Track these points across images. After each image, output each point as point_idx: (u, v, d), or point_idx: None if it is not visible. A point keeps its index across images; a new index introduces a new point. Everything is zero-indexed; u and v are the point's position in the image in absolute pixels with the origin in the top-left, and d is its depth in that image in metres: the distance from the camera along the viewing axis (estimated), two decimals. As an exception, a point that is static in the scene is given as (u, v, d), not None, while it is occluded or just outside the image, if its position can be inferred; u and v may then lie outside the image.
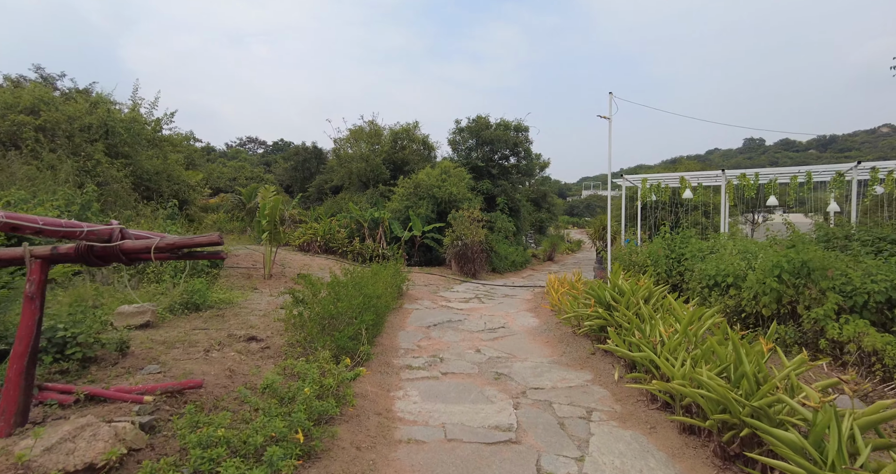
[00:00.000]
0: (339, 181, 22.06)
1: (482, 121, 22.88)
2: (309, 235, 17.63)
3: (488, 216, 18.04)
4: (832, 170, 13.17)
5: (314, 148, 30.91)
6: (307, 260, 15.31)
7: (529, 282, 14.52)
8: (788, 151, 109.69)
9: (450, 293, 11.34)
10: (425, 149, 22.36)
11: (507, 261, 17.55)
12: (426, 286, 12.34)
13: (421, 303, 9.65)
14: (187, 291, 6.79)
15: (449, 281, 13.72)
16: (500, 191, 21.74)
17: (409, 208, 17.41)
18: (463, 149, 23.57)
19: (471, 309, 9.21)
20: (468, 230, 15.20)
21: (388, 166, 20.89)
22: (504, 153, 23.72)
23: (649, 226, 19.66)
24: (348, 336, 4.75)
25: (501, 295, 11.34)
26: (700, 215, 20.41)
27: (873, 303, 4.80)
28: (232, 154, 67.79)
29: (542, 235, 32.67)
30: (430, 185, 17.42)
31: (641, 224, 17.66)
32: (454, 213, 16.25)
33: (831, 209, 14.62)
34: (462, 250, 14.97)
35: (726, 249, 8.23)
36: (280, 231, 10.88)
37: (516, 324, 7.73)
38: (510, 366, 5.42)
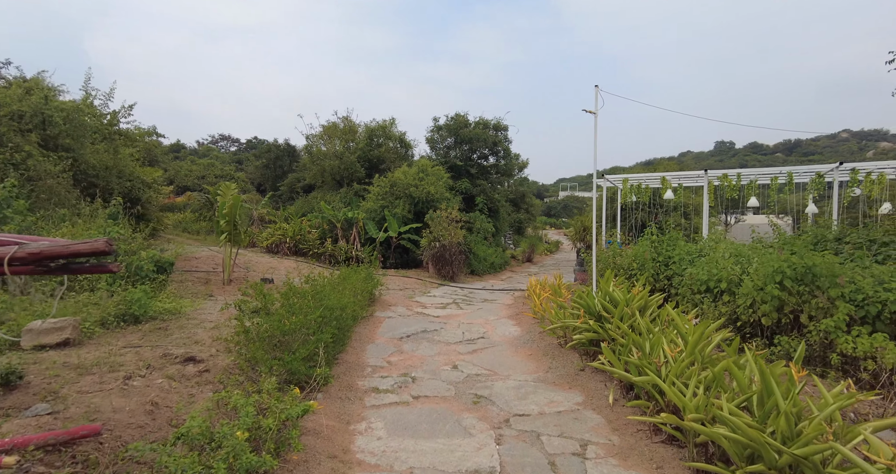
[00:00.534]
0: (312, 179, 21.15)
1: (461, 119, 22.30)
2: (278, 236, 16.72)
3: (467, 216, 17.46)
4: (813, 171, 13.05)
5: (287, 145, 29.81)
6: (275, 262, 14.43)
7: (509, 285, 13.98)
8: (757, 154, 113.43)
9: (426, 298, 10.68)
10: (402, 147, 21.64)
11: (485, 263, 17.00)
12: (401, 290, 11.65)
13: (395, 309, 8.97)
14: (125, 301, 5.96)
15: (426, 284, 13.07)
16: (479, 190, 21.19)
17: (384, 208, 16.68)
18: (441, 148, 22.94)
19: (448, 316, 8.58)
20: (446, 231, 14.58)
21: (363, 164, 20.09)
22: (483, 152, 23.19)
23: (628, 227, 19.41)
24: (302, 357, 4.05)
25: (480, 299, 10.75)
26: (680, 216, 20.30)
27: (888, 313, 4.38)
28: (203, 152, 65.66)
29: (520, 236, 32.32)
30: (406, 184, 16.73)
31: (621, 225, 17.34)
32: (432, 214, 15.60)
33: (810, 210, 14.55)
34: (440, 252, 14.34)
35: (717, 252, 7.82)
36: (241, 231, 10.02)
37: (497, 334, 7.13)
38: (491, 386, 4.80)
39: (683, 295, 7.16)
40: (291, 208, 20.21)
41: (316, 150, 20.51)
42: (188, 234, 22.05)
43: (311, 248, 16.02)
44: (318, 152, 20.38)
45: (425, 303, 10.00)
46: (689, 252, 8.26)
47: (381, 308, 8.89)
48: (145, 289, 6.43)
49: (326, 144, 20.44)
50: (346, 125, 20.55)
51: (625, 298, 4.82)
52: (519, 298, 10.81)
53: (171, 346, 4.90)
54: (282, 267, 13.75)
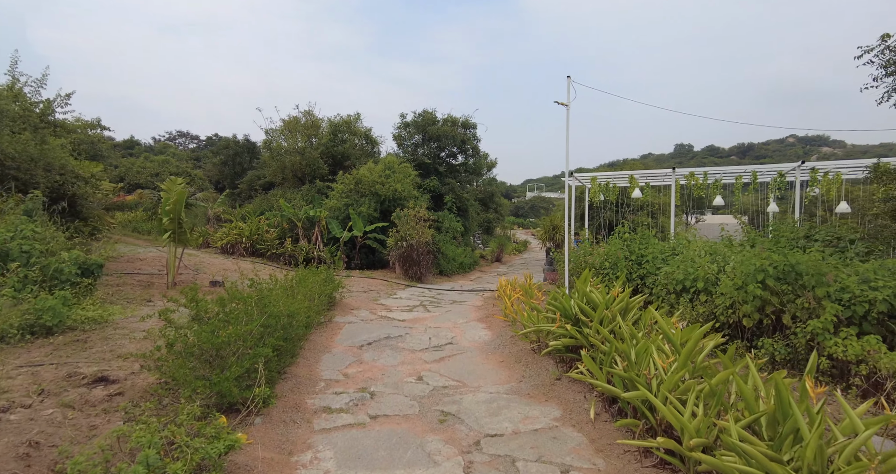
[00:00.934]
0: (272, 176, 20.14)
1: (429, 116, 21.77)
2: (233, 236, 15.73)
3: (435, 215, 16.94)
4: (775, 170, 13.23)
5: (246, 141, 28.49)
6: (228, 264, 13.49)
7: (479, 286, 13.55)
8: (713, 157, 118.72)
9: (392, 300, 10.09)
10: (368, 143, 20.92)
11: (454, 263, 16.54)
12: (366, 292, 11.01)
13: (357, 313, 8.34)
14: (35, 309, 5.12)
15: (392, 286, 12.47)
16: (448, 189, 20.73)
17: (349, 206, 15.96)
18: (409, 145, 22.34)
19: (415, 319, 8.03)
20: (414, 230, 14.02)
21: (326, 161, 19.26)
22: (452, 150, 22.75)
23: (596, 226, 19.39)
24: (236, 375, 3.42)
25: (449, 301, 10.25)
26: (646, 215, 20.45)
27: (875, 313, 4.15)
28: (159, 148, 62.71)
29: (489, 236, 32.11)
30: (372, 182, 16.06)
31: (588, 225, 17.21)
32: (399, 212, 15.01)
33: (771, 209, 14.82)
34: (407, 252, 13.76)
35: (692, 251, 7.61)
36: (187, 230, 9.16)
37: (466, 339, 6.64)
38: (459, 401, 4.29)
39: (658, 294, 6.89)
40: (249, 206, 19.16)
41: (276, 146, 19.52)
42: (138, 234, 20.63)
43: (269, 249, 15.12)
44: (279, 148, 19.40)
45: (390, 305, 9.41)
46: (661, 250, 8.04)
47: (341, 312, 8.25)
48: (65, 296, 5.59)
49: (288, 140, 19.49)
50: (308, 120, 19.66)
51: (604, 300, 4.42)
52: (489, 299, 10.37)
53: (83, 363, 4.15)
54: (236, 268, 12.84)
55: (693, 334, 3.67)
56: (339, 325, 7.22)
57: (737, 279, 5.42)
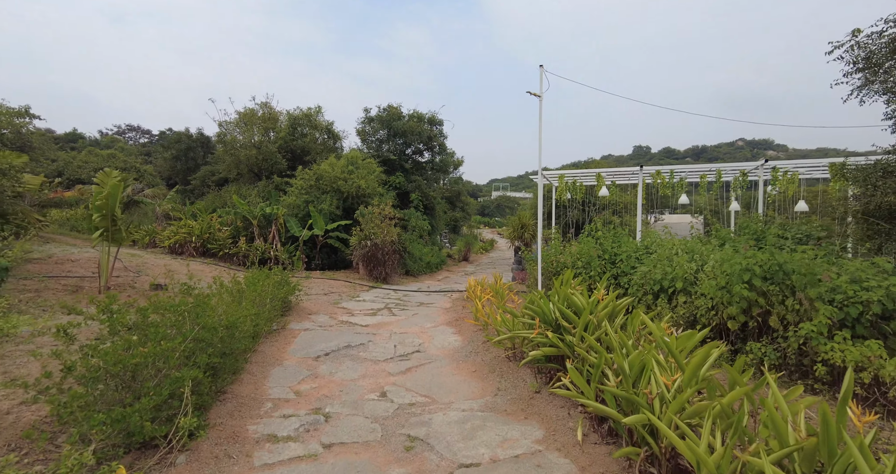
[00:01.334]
0: (226, 172, 18.96)
1: (394, 111, 21.11)
2: (182, 235, 14.59)
3: (401, 213, 16.34)
4: (738, 169, 13.38)
5: (200, 135, 26.90)
6: (176, 265, 12.43)
7: (447, 286, 13.06)
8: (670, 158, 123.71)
9: (354, 303, 9.43)
10: (330, 138, 20.04)
11: (421, 263, 15.98)
12: (326, 295, 10.30)
13: (315, 318, 7.66)
14: (-87, 324, 4.22)
15: (355, 287, 11.78)
16: (414, 187, 20.14)
17: (309, 203, 15.12)
18: (373, 141, 21.61)
19: (379, 324, 7.43)
20: (378, 228, 13.37)
21: (284, 155, 18.28)
22: (418, 147, 22.17)
23: (563, 225, 19.31)
24: (154, 404, 2.76)
25: (416, 303, 9.69)
26: (611, 214, 20.55)
27: (869, 315, 3.92)
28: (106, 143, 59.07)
29: (456, 235, 31.74)
30: (334, 177, 15.28)
31: (555, 224, 17.06)
32: (362, 210, 14.31)
33: (733, 208, 15.06)
34: (371, 251, 13.10)
35: (666, 249, 7.37)
36: (122, 228, 8.20)
37: (435, 346, 6.11)
38: (428, 422, 3.76)
39: (634, 294, 6.58)
40: (201, 203, 17.93)
41: (230, 139, 18.36)
42: (77, 233, 18.98)
43: (221, 248, 14.09)
44: (233, 141, 18.25)
45: (353, 309, 8.76)
46: (635, 249, 7.78)
47: (297, 318, 7.54)
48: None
49: (244, 133, 18.37)
50: (265, 112, 18.60)
51: (588, 304, 4.00)
52: (458, 301, 9.88)
53: (-40, 391, 3.36)
54: (183, 270, 11.82)
55: (689, 343, 3.28)
56: (294, 333, 6.53)
57: (720, 279, 5.14)
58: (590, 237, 8.62)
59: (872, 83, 7.36)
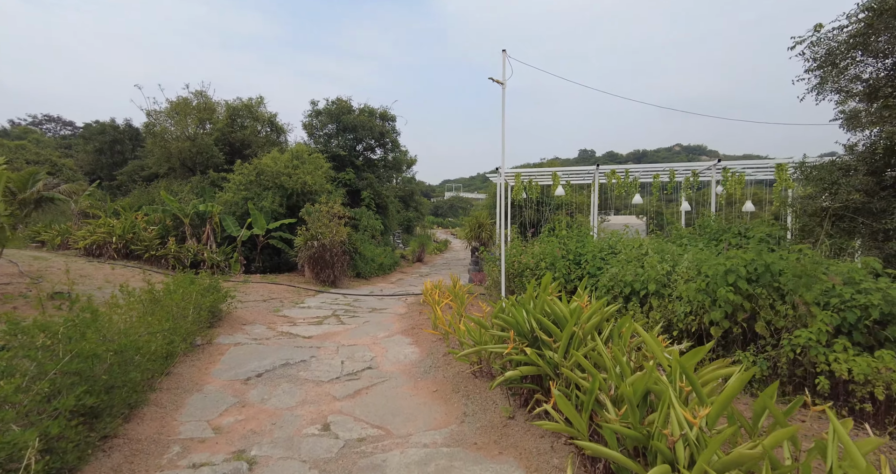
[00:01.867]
0: (156, 166, 17.20)
1: (343, 104, 20.07)
2: (100, 235, 12.92)
3: (352, 212, 15.40)
4: (689, 169, 13.54)
5: (128, 127, 24.52)
6: (90, 269, 10.90)
7: (401, 289, 12.30)
8: (613, 162, 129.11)
9: (298, 310, 8.49)
10: (273, 131, 18.69)
11: (373, 265, 15.11)
12: (266, 301, 9.26)
13: (250, 330, 6.69)
14: None
15: (300, 292, 10.76)
16: (366, 184, 19.21)
17: (249, 200, 13.86)
18: (321, 135, 20.46)
19: (325, 335, 6.57)
20: (327, 228, 12.39)
21: (222, 148, 16.80)
22: (369, 143, 21.24)
23: (518, 225, 19.05)
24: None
25: (367, 309, 8.87)
26: (565, 214, 20.57)
27: (868, 320, 3.61)
28: (18, 133, 53.32)
29: (409, 235, 30.98)
30: (277, 172, 14.10)
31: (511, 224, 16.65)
32: (309, 208, 13.26)
33: (684, 208, 15.30)
34: (319, 253, 12.10)
35: (633, 249, 7.02)
36: (5, 225, 6.85)
37: (389, 360, 5.37)
38: (383, 465, 3.03)
39: (600, 298, 6.15)
40: (125, 200, 16.09)
41: (160, 130, 16.63)
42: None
43: (147, 250, 12.57)
44: (163, 132, 16.54)
45: (295, 317, 7.83)
46: (600, 249, 7.40)
47: (229, 329, 6.55)
48: None
49: (177, 124, 16.68)
50: (201, 102, 17.01)
51: (571, 314, 3.42)
52: (413, 305, 9.16)
53: None
54: (99, 275, 10.36)
55: (693, 361, 2.76)
56: (223, 349, 5.57)
57: (699, 281, 4.76)
58: (552, 237, 8.18)
59: (826, 82, 7.38)
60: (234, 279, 11.95)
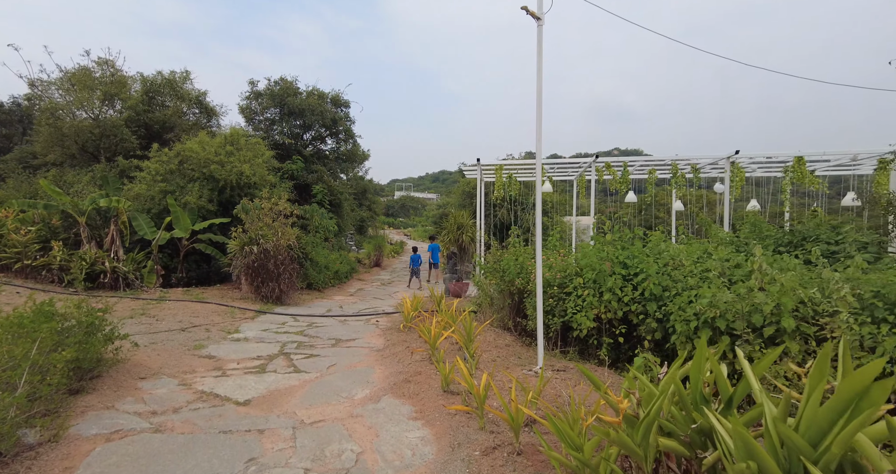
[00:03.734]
0: (44, 151, 13.68)
1: (288, 85, 17.33)
2: (-51, 239, 9.58)
3: (301, 210, 12.83)
4: (689, 164, 12.14)
5: (15, 106, 20.18)
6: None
7: (365, 304, 9.96)
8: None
9: (230, 347, 6.01)
10: (203, 113, 15.62)
11: (327, 273, 12.64)
12: (185, 331, 6.68)
13: (151, 390, 4.22)
14: None
15: (234, 314, 8.19)
16: (316, 178, 16.59)
17: (168, 194, 10.99)
18: (261, 121, 17.59)
19: (270, 398, 4.23)
20: (270, 229, 9.85)
21: (136, 131, 13.61)
22: (319, 131, 18.59)
23: (490, 227, 17.17)
24: None
25: (329, 340, 6.54)
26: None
27: None
28: None
29: (362, 236, 28.39)
30: (205, 160, 11.31)
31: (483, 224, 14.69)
32: (246, 204, 10.64)
33: (677, 207, 14.05)
34: (260, 260, 9.53)
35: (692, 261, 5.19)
36: None
37: (387, 460, 3.15)
38: None
39: (680, 335, 4.23)
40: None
41: (48, 106, 13.14)
42: None
43: (19, 258, 9.42)
44: (53, 107, 13.08)
45: (225, 360, 5.38)
46: (664, 261, 5.36)
47: (110, 393, 4.04)
48: None
49: (77, 99, 13.23)
50: (106, 74, 13.68)
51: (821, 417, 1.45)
52: (392, 332, 6.93)
53: None
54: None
55: None
56: (78, 453, 3.09)
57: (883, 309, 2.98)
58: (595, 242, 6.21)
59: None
60: (146, 295, 9.15)
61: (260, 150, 12.56)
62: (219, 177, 11.26)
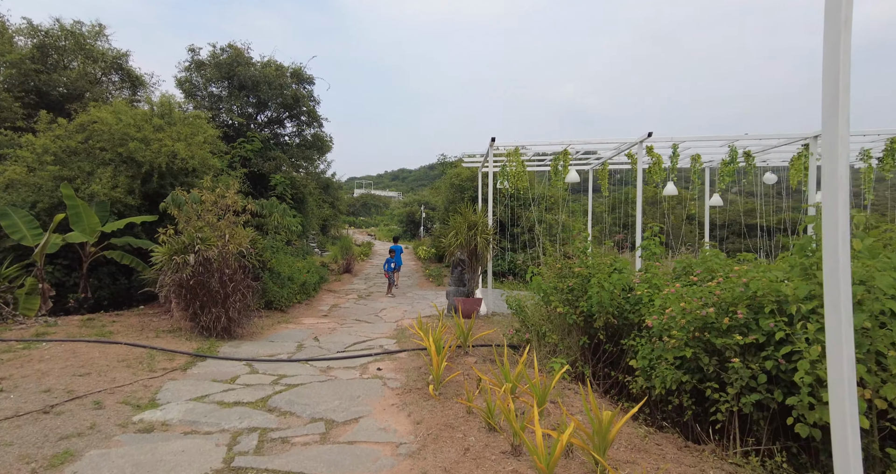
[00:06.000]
0: None
1: (238, 53, 14.16)
2: None
3: (257, 204, 9.87)
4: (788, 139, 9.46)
5: None
6: None
7: (348, 332, 7.18)
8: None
9: (125, 454, 3.19)
10: (125, 81, 12.21)
11: (293, 286, 9.77)
12: (52, 413, 3.75)
13: None
14: None
15: (153, 364, 5.25)
16: (274, 166, 13.55)
17: (64, 182, 7.79)
18: (204, 96, 14.32)
19: None
20: (215, 230, 6.97)
21: (23, 97, 10.14)
22: (278, 112, 15.51)
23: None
24: None
25: (313, 427, 3.83)
26: (542, 211, 16.62)
27: None
28: None
29: (325, 237, 25.25)
30: (122, 136, 8.20)
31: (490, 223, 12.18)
32: (178, 195, 7.67)
33: (714, 202, 12.12)
34: (199, 275, 6.58)
35: None
36: None
37: None
38: None
39: None
40: None
41: None
42: None
43: None
44: None
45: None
46: None
47: None
48: None
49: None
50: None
51: None
52: (412, 393, 4.28)
53: None
54: None
55: None
56: None
57: None
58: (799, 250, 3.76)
59: None
60: (15, 331, 6.04)
61: (201, 127, 9.50)
62: (142, 160, 8.17)
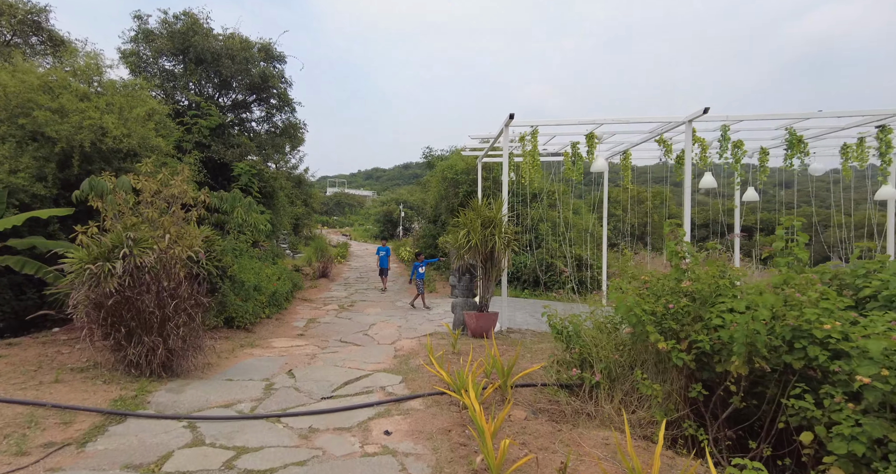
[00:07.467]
0: None
1: (194, 21, 12.08)
2: None
3: (215, 197, 7.91)
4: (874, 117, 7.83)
5: None
6: None
7: (331, 358, 5.33)
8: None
9: None
10: (44, 43, 9.96)
11: (259, 298, 7.87)
12: None
13: None
14: None
15: (31, 433, 3.32)
16: (238, 154, 11.52)
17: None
18: (155, 73, 12.15)
19: None
20: (156, 227, 5.05)
21: None
22: (244, 94, 13.43)
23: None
24: None
25: None
26: (546, 208, 15.10)
27: None
28: None
29: (297, 237, 23.08)
30: (24, 102, 6.13)
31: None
32: (98, 180, 5.69)
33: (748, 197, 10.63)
34: (131, 288, 4.64)
35: None
36: None
37: None
38: None
39: None
40: None
41: None
42: None
43: None
44: None
45: None
46: None
47: None
48: None
49: None
50: None
51: None
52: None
53: None
54: None
55: None
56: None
57: None
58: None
59: None
60: None
61: (141, 98, 7.48)
62: (55, 136, 6.13)
